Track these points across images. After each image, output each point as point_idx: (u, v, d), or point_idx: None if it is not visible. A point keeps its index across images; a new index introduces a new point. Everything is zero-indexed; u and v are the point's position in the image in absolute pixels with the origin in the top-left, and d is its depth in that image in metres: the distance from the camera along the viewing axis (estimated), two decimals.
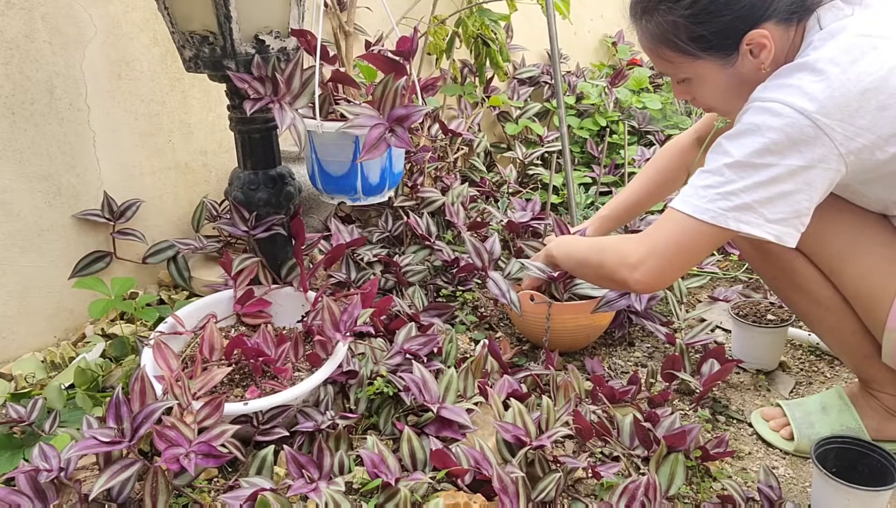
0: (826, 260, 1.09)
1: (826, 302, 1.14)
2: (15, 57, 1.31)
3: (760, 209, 0.94)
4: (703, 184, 0.98)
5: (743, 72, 1.01)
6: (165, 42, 1.58)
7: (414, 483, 1.00)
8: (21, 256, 1.39)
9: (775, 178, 0.92)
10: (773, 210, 0.94)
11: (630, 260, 1.02)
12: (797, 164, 0.91)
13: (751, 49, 0.98)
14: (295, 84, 1.23)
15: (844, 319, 1.13)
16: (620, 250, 1.05)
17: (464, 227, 1.77)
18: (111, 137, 1.51)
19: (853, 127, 0.90)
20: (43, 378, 1.34)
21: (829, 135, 0.90)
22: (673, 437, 1.09)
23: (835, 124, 0.90)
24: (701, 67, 1.03)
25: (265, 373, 1.21)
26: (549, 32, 1.81)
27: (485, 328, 1.59)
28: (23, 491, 0.93)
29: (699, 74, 1.04)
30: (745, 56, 0.99)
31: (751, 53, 0.99)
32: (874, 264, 1.06)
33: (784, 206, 0.93)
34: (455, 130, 1.99)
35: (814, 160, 0.91)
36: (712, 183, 0.96)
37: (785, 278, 1.17)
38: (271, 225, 1.36)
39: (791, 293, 1.19)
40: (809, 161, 0.91)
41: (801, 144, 0.91)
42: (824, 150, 0.91)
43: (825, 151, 0.91)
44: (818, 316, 1.18)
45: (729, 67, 1.01)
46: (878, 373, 1.16)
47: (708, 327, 1.51)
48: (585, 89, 2.61)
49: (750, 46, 0.98)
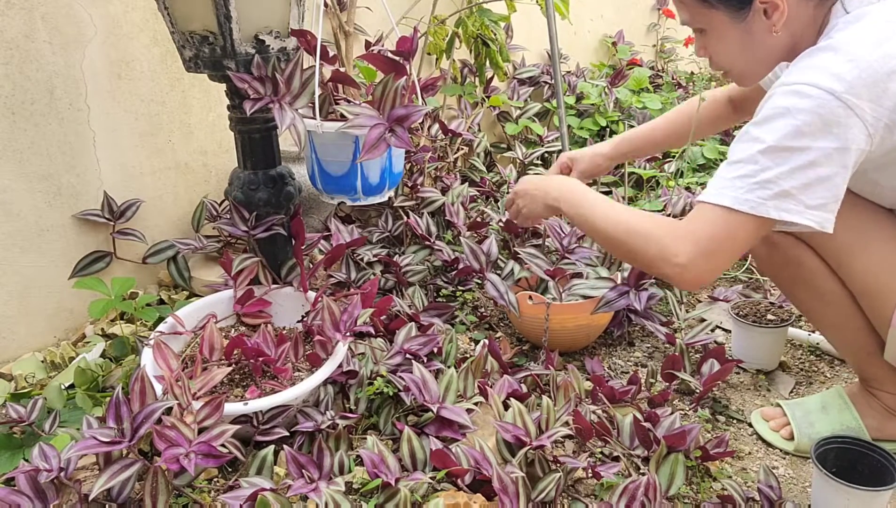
0: (834, 253, 1.09)
1: (831, 297, 1.14)
2: (15, 57, 1.31)
3: (800, 196, 0.91)
4: (737, 175, 0.95)
5: (754, 30, 1.00)
6: (165, 42, 1.58)
7: (414, 483, 1.00)
8: (21, 256, 1.39)
9: (813, 162, 0.90)
10: (813, 196, 0.91)
11: (678, 260, 0.97)
12: (832, 145, 0.90)
13: (765, 8, 0.97)
14: (295, 84, 1.23)
15: (849, 315, 1.13)
16: (663, 243, 0.99)
17: (464, 227, 1.77)
18: (111, 137, 1.51)
19: (881, 108, 0.90)
20: (43, 378, 1.34)
21: (859, 115, 0.89)
22: (673, 437, 1.09)
23: (864, 104, 0.89)
24: (715, 19, 1.02)
25: (265, 373, 1.21)
26: (549, 32, 1.82)
27: (485, 328, 1.60)
28: (23, 491, 0.93)
29: (713, 25, 1.03)
30: (758, 14, 0.98)
31: (765, 13, 0.98)
32: (883, 259, 1.06)
33: (823, 190, 0.91)
34: (455, 130, 1.99)
35: (848, 141, 0.90)
36: (747, 172, 0.93)
37: (790, 271, 1.17)
38: (271, 225, 1.36)
39: (796, 288, 1.19)
40: (844, 142, 0.90)
41: (833, 126, 0.89)
42: (856, 130, 0.90)
43: (856, 132, 0.90)
44: (822, 312, 1.18)
45: (741, 23, 1.00)
46: (879, 371, 1.16)
47: (708, 327, 1.51)
48: (585, 89, 2.61)
49: (764, 5, 0.97)
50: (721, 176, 0.97)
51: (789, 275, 1.00)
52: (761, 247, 1.20)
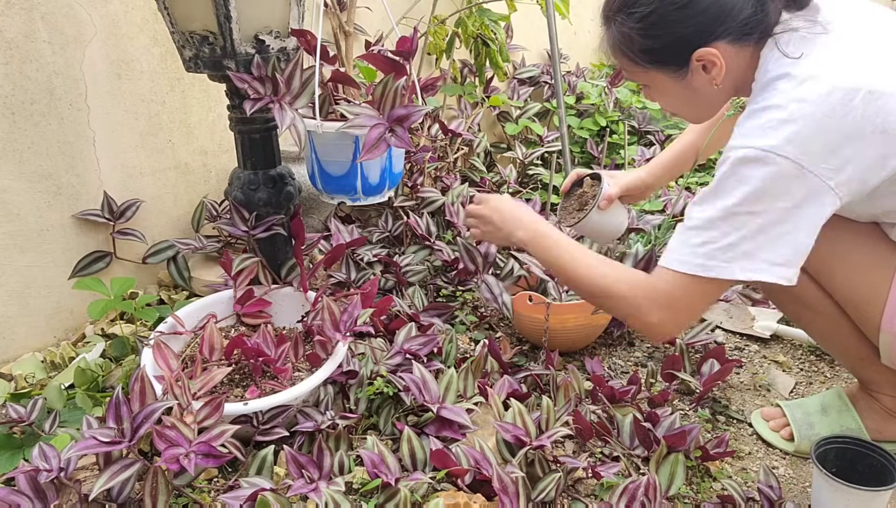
0: (816, 266, 1.08)
1: (819, 307, 1.14)
2: (15, 57, 1.31)
3: (763, 255, 0.93)
4: (698, 242, 0.96)
5: (695, 85, 1.01)
6: (165, 42, 1.58)
7: (414, 483, 1.01)
8: (21, 256, 1.39)
9: (771, 222, 0.91)
10: (775, 254, 0.93)
11: (649, 320, 1.01)
12: (789, 204, 0.90)
13: (703, 65, 0.98)
14: (295, 84, 1.23)
15: (839, 323, 1.13)
16: (635, 304, 1.02)
17: (463, 227, 1.77)
18: (111, 137, 1.51)
19: (837, 159, 0.89)
20: (43, 378, 1.34)
21: (813, 172, 0.89)
22: (673, 437, 1.09)
23: (819, 163, 0.88)
24: (655, 78, 1.04)
25: (265, 373, 1.21)
26: (549, 32, 1.82)
27: (485, 328, 1.60)
28: (23, 491, 0.93)
29: (655, 83, 1.05)
30: (697, 71, 0.99)
31: (703, 69, 0.98)
32: (864, 269, 1.06)
33: (785, 247, 0.92)
34: (455, 130, 1.99)
35: (805, 196, 0.90)
36: (707, 239, 0.95)
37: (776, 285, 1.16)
38: (271, 225, 1.36)
39: (784, 298, 1.20)
40: (801, 199, 0.90)
41: (790, 186, 0.90)
42: (812, 186, 0.89)
43: (814, 187, 0.90)
44: (812, 320, 1.18)
45: (681, 80, 1.01)
46: (875, 375, 1.16)
47: (708, 327, 1.51)
48: (585, 89, 2.61)
49: (701, 62, 0.97)
50: (683, 243, 0.98)
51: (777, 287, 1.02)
52: None
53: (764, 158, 0.90)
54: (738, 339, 1.60)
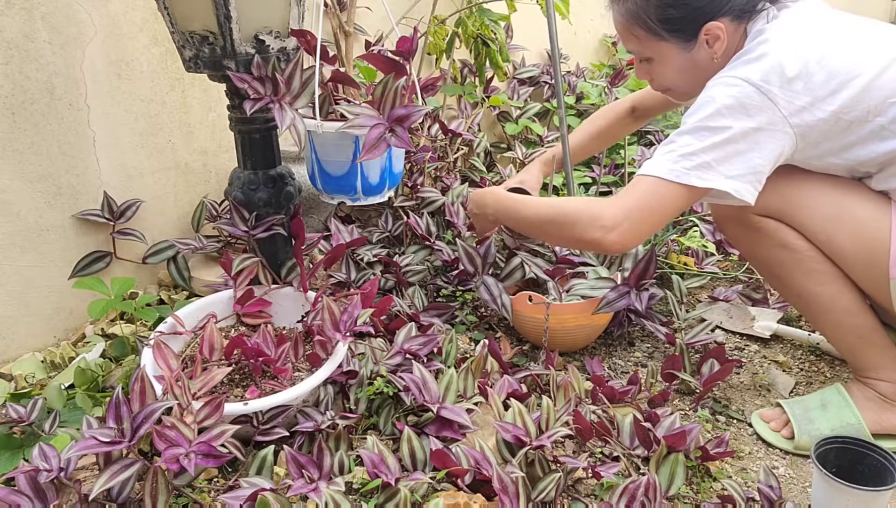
0: (819, 229, 1.15)
1: (821, 276, 1.17)
2: (15, 57, 1.31)
3: (718, 167, 1.06)
4: (665, 151, 1.10)
5: (698, 58, 1.16)
6: (165, 42, 1.58)
7: (414, 483, 1.01)
8: (21, 256, 1.39)
9: (729, 139, 1.05)
10: (730, 168, 1.06)
11: (605, 222, 1.10)
12: (748, 126, 1.04)
13: (707, 39, 1.13)
14: (295, 84, 1.23)
15: (839, 293, 1.16)
16: (593, 211, 1.12)
17: (464, 227, 1.77)
18: (111, 137, 1.51)
19: (791, 91, 1.04)
20: (43, 378, 1.34)
21: (772, 100, 1.04)
22: (673, 437, 1.09)
23: (776, 90, 1.04)
24: (664, 48, 1.17)
25: (265, 373, 1.21)
26: (549, 32, 1.81)
27: (485, 328, 1.59)
28: (23, 491, 0.93)
29: (662, 53, 1.19)
30: (702, 45, 1.14)
31: (707, 43, 1.14)
32: (864, 221, 1.12)
33: (739, 164, 1.06)
34: (455, 130, 1.99)
35: (762, 123, 1.05)
36: (673, 148, 1.09)
37: (778, 255, 1.20)
38: (271, 225, 1.36)
39: (784, 273, 1.21)
40: (759, 123, 1.05)
41: (750, 109, 1.04)
42: (770, 113, 1.04)
43: (771, 115, 1.04)
44: (813, 295, 1.19)
45: (687, 52, 1.17)
46: (870, 358, 1.19)
47: (708, 327, 1.51)
48: (585, 89, 2.61)
49: (707, 37, 1.13)
50: (656, 153, 1.12)
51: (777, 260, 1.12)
52: (747, 236, 1.23)
53: (733, 82, 1.06)
54: (738, 339, 1.60)
